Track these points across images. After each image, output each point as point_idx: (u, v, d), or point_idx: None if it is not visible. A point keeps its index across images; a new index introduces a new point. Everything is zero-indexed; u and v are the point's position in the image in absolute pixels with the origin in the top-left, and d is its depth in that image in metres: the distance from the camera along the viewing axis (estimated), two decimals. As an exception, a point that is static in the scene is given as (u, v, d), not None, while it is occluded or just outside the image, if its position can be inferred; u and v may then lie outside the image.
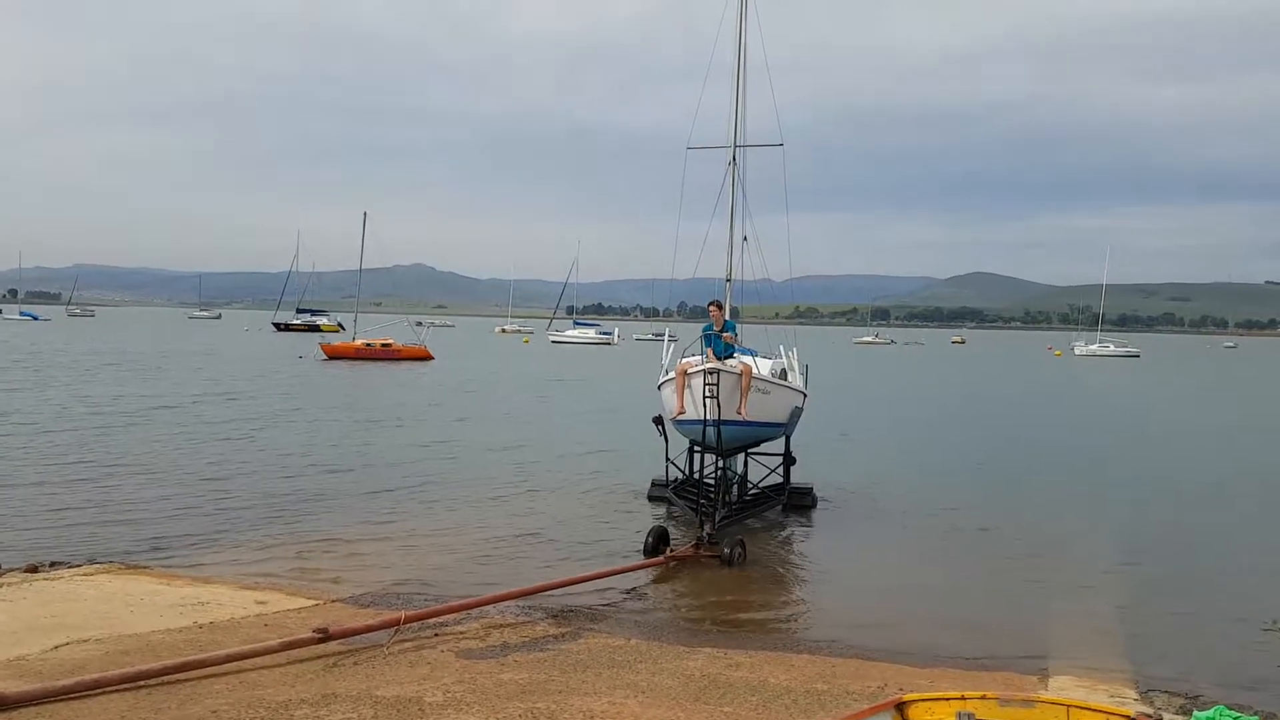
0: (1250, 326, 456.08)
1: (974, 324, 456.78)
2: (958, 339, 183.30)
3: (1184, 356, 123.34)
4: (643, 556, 11.99)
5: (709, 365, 12.70)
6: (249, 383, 39.51)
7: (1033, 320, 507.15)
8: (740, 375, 13.07)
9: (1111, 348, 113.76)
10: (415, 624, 8.77)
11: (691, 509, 14.20)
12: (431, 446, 22.24)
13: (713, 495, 13.73)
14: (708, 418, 12.53)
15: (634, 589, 10.92)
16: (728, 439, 13.19)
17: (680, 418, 13.57)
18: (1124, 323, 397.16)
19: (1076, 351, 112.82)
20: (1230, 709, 7.19)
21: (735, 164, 17.45)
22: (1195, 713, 7.21)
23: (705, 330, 14.25)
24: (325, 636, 7.99)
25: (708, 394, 12.37)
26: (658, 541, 12.24)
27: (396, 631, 8.49)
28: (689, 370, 13.16)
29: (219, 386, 37.03)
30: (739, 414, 13.02)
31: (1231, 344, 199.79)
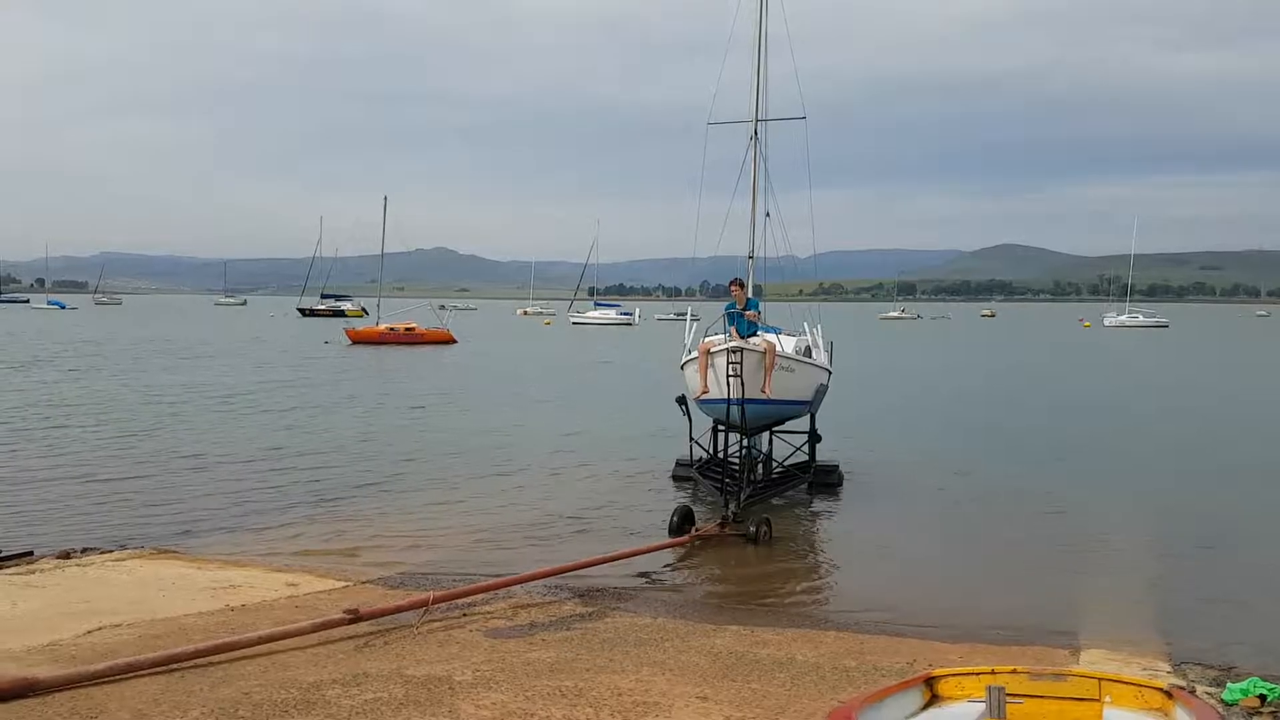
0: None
1: (1002, 297, 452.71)
2: (987, 312, 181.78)
3: (1215, 326, 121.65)
4: (668, 536, 12.00)
5: (732, 344, 12.64)
6: (277, 370, 39.86)
7: (1062, 292, 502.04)
8: (764, 353, 13.01)
9: (1141, 318, 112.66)
10: (444, 604, 8.82)
11: (717, 488, 14.17)
12: (456, 431, 22.34)
13: (737, 474, 13.70)
14: (731, 396, 12.48)
15: (660, 568, 10.93)
16: (752, 418, 13.13)
17: (704, 397, 13.52)
18: (1154, 293, 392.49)
19: (1106, 323, 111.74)
20: (1265, 680, 7.11)
21: (756, 138, 17.31)
22: (1229, 684, 7.14)
23: (728, 309, 14.19)
24: (356, 617, 8.07)
25: (731, 373, 12.32)
26: (683, 521, 12.23)
27: (426, 612, 8.55)
28: (712, 349, 13.11)
29: (249, 374, 37.38)
30: (763, 392, 12.97)
31: (1264, 312, 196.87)
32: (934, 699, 4.83)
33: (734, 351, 12.37)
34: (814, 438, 15.71)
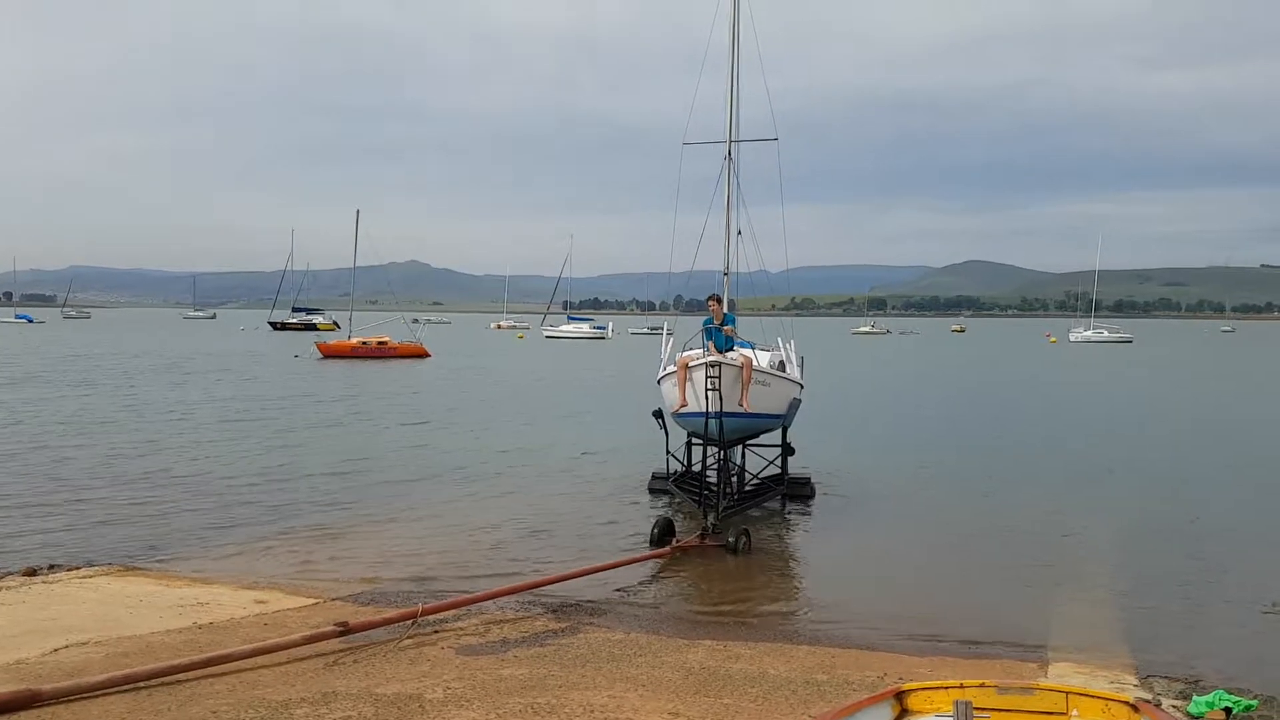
0: (1247, 310, 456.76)
1: (971, 312, 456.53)
2: (957, 328, 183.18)
3: (1179, 341, 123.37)
4: (649, 547, 12.06)
5: (711, 358, 12.78)
6: (243, 385, 39.53)
7: (1029, 307, 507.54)
8: (741, 368, 13.15)
9: (1105, 334, 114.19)
10: (428, 617, 8.82)
11: (694, 500, 14.29)
12: (425, 447, 22.25)
13: (714, 486, 13.79)
14: (709, 410, 12.59)
15: (638, 581, 10.94)
16: (729, 430, 13.25)
17: (682, 410, 13.61)
18: (1121, 308, 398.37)
19: (1071, 338, 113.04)
20: (1229, 692, 7.21)
21: (730, 159, 17.45)
22: (1195, 697, 7.23)
23: (706, 324, 14.37)
24: (346, 630, 8.13)
25: (710, 386, 12.46)
26: (663, 532, 12.35)
27: (414, 624, 8.55)
28: (690, 364, 13.22)
29: (213, 389, 37.05)
30: (740, 406, 13.10)
31: (1229, 328, 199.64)
32: (903, 713, 4.88)
33: (712, 365, 12.51)
34: (787, 450, 15.82)
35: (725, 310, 15.02)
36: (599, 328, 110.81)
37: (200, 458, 19.37)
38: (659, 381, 15.01)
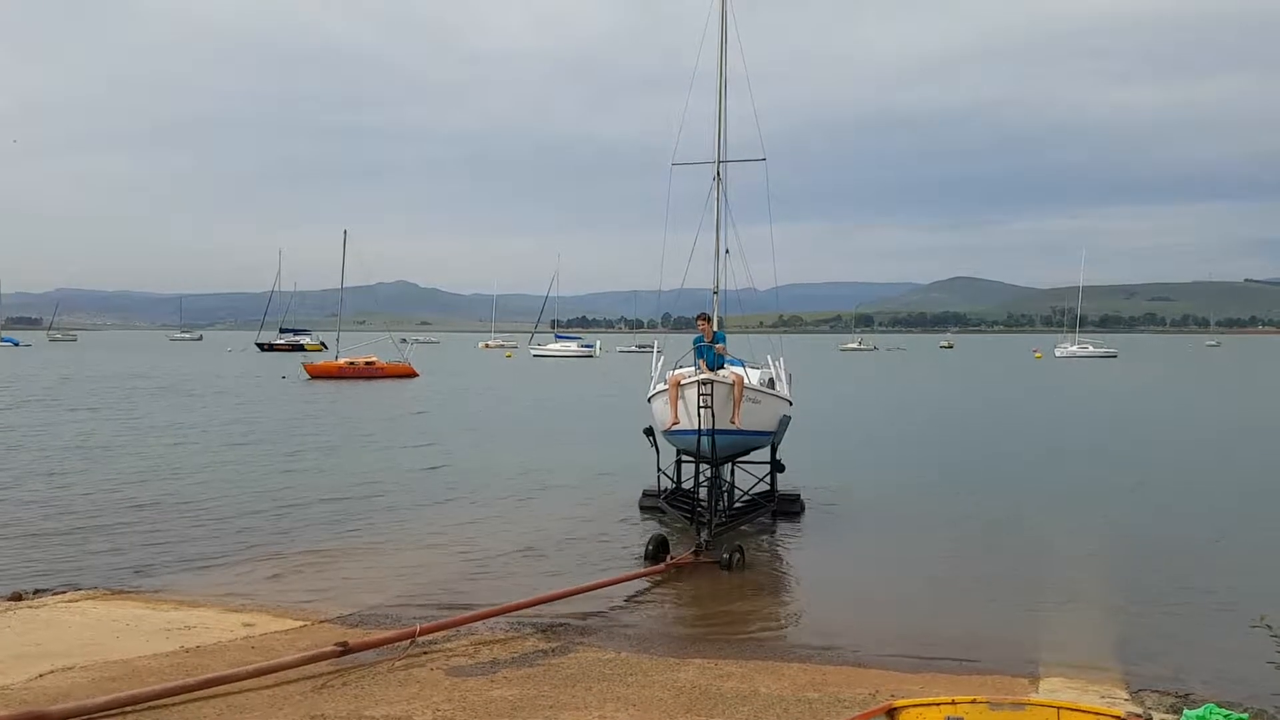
0: (1231, 325, 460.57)
1: (957, 328, 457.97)
2: (946, 344, 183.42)
3: (1163, 356, 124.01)
4: (643, 564, 12.05)
5: (703, 376, 12.82)
6: (227, 406, 39.35)
7: (1015, 323, 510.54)
8: (733, 385, 13.20)
9: (1090, 349, 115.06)
10: (424, 637, 8.82)
11: (686, 517, 14.31)
12: (417, 467, 22.16)
13: (706, 503, 13.81)
14: (702, 427, 12.61)
15: (629, 599, 10.91)
16: (721, 448, 13.30)
17: (674, 428, 13.64)
18: (1106, 323, 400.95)
19: (1057, 354, 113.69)
20: (1220, 706, 7.21)
21: (719, 179, 17.54)
22: (1185, 711, 7.23)
23: (696, 342, 14.42)
24: (345, 650, 8.14)
25: (702, 404, 12.49)
26: (658, 549, 12.35)
27: (412, 643, 8.54)
28: (682, 381, 13.25)
29: (198, 411, 36.86)
30: (732, 423, 13.13)
31: (1214, 342, 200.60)
32: (896, 730, 4.87)
33: (704, 384, 12.56)
34: (776, 467, 15.82)
35: (714, 328, 15.09)
36: (587, 346, 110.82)
37: (188, 481, 19.24)
38: (649, 400, 15.03)
